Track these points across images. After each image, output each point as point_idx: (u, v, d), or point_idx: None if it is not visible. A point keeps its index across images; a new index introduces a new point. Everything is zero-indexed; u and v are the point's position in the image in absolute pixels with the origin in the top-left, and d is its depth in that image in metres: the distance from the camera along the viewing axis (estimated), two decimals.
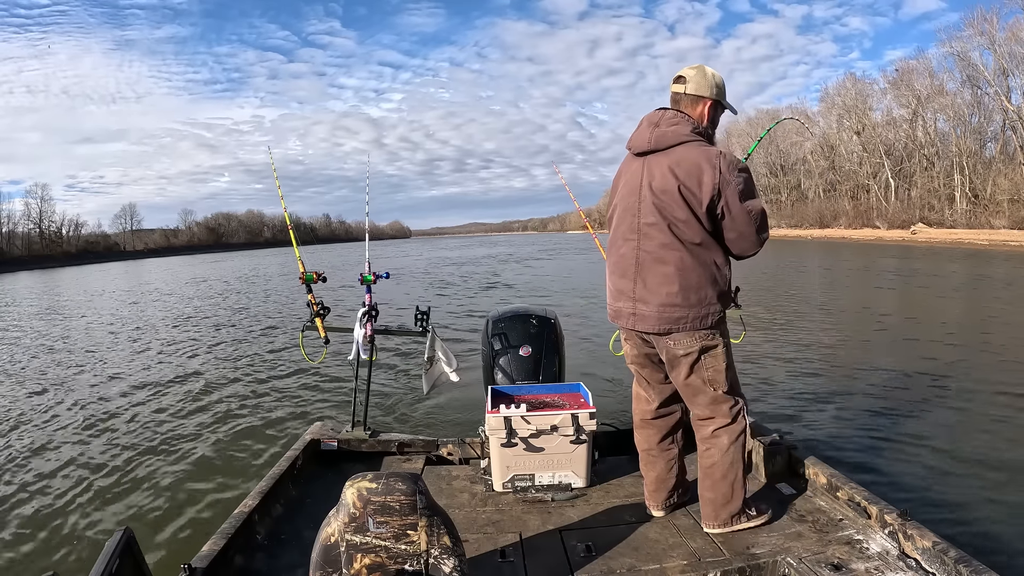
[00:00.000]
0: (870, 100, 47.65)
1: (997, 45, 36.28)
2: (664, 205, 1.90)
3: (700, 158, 1.86)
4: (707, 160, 1.85)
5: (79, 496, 3.61)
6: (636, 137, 2.01)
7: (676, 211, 1.88)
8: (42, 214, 76.11)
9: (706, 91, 1.97)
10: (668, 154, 1.92)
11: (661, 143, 1.93)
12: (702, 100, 1.98)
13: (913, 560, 1.70)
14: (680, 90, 1.98)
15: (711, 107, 1.99)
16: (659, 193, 1.91)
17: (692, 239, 1.89)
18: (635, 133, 2.02)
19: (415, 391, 5.47)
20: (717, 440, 2.00)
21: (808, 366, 5.91)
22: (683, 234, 1.89)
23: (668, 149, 1.92)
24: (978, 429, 3.96)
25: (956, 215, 37.44)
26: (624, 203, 2.03)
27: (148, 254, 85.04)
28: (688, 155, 1.88)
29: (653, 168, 1.94)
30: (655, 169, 1.93)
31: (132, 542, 1.45)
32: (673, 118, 1.95)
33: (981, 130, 39.19)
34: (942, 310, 9.46)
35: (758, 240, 1.94)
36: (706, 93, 1.97)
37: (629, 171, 2.04)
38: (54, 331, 11.71)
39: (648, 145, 1.96)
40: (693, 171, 1.85)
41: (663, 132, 1.94)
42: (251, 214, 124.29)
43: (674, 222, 1.89)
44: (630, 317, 2.01)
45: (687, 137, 1.91)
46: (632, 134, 2.04)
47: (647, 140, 1.96)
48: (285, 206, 3.36)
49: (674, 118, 1.95)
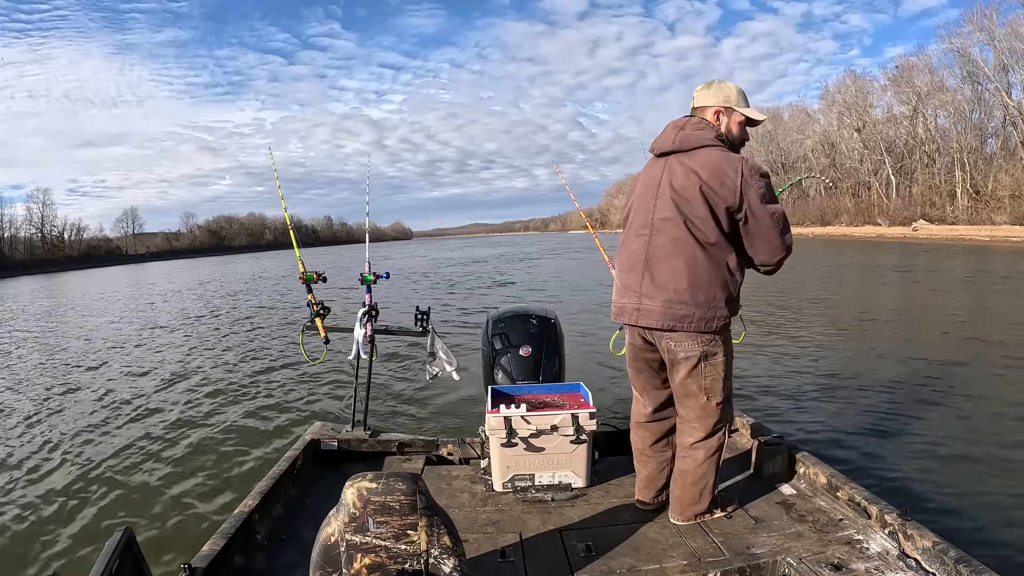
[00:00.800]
0: (870, 97, 47.72)
1: (997, 41, 36.29)
2: (683, 201, 1.91)
3: (723, 161, 1.89)
4: (730, 163, 1.88)
5: (79, 496, 3.62)
6: (660, 139, 2.05)
7: (695, 208, 1.89)
8: (44, 218, 76.54)
9: (734, 103, 2.02)
10: (691, 156, 1.95)
11: (685, 144, 1.97)
12: (731, 112, 2.02)
13: (913, 560, 1.70)
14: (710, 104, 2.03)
15: (736, 119, 2.03)
16: (679, 190, 1.92)
17: (707, 238, 1.90)
18: (659, 136, 2.07)
19: (415, 391, 5.47)
20: (694, 452, 2.04)
21: (808, 365, 5.90)
22: (698, 232, 1.90)
23: (692, 151, 1.95)
24: (979, 429, 3.96)
25: (957, 211, 37.34)
26: (640, 200, 2.05)
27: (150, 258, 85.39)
28: (711, 157, 1.91)
29: (675, 167, 1.96)
30: (677, 168, 1.95)
31: (132, 542, 1.45)
32: (699, 123, 2.00)
33: (982, 126, 39.14)
34: (943, 308, 9.45)
35: (783, 244, 1.93)
36: (733, 105, 2.02)
37: (649, 172, 2.07)
38: (56, 333, 11.73)
39: (672, 146, 1.99)
40: (716, 172, 1.87)
41: (688, 134, 1.97)
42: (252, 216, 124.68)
43: (691, 218, 1.90)
44: (634, 312, 2.01)
45: (711, 142, 1.95)
46: (655, 138, 2.08)
47: (671, 141, 2.00)
48: (285, 207, 3.36)
49: (700, 123, 2.00)
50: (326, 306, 3.03)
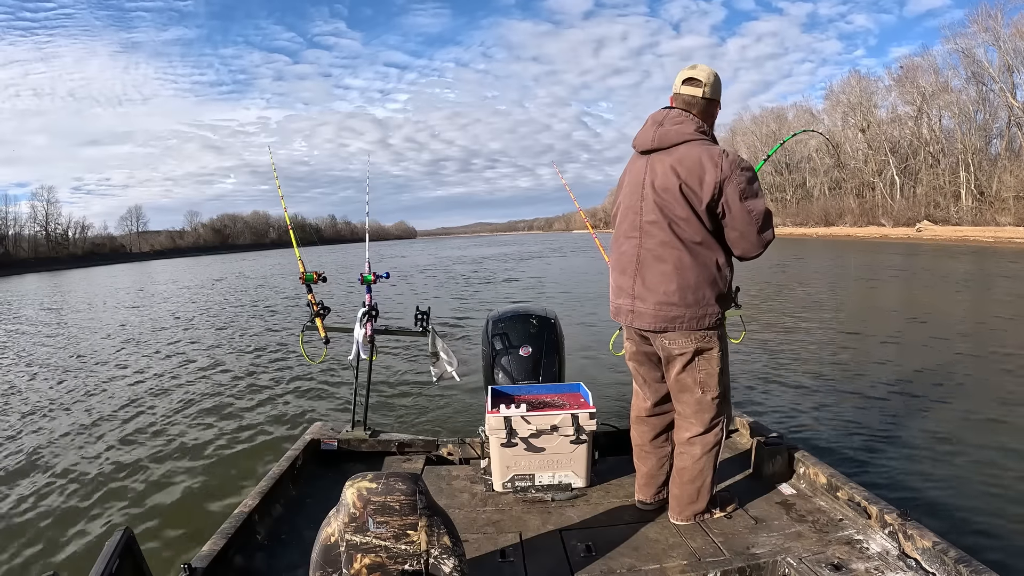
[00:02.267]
0: (875, 97, 47.61)
1: (1002, 42, 36.10)
2: (665, 203, 1.91)
3: (703, 155, 1.88)
4: (709, 158, 1.86)
5: (79, 496, 3.62)
6: (640, 135, 2.03)
7: (677, 209, 1.89)
8: (48, 216, 76.52)
9: (719, 95, 2.02)
10: (671, 152, 1.93)
11: (664, 142, 1.95)
12: (715, 103, 2.01)
13: (913, 560, 1.70)
14: (697, 94, 1.97)
15: (717, 108, 2.04)
16: (661, 191, 1.92)
17: (692, 238, 1.90)
18: (640, 131, 2.04)
19: (415, 391, 5.47)
20: (691, 448, 2.04)
21: (808, 365, 5.89)
22: (683, 233, 1.90)
23: (671, 148, 1.94)
24: (979, 429, 3.95)
25: (962, 212, 37.20)
26: (627, 201, 2.05)
27: (154, 256, 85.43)
28: (690, 153, 1.90)
29: (656, 166, 1.95)
30: (658, 167, 1.94)
31: (132, 542, 1.45)
32: (677, 117, 1.96)
33: (986, 127, 38.90)
34: (945, 308, 9.44)
35: (759, 241, 1.92)
36: (718, 97, 2.02)
37: (633, 169, 2.05)
38: (58, 332, 11.74)
39: (652, 144, 1.98)
40: (695, 169, 1.87)
41: (667, 131, 1.95)
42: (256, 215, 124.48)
43: (674, 220, 1.90)
44: (629, 314, 2.03)
45: (691, 136, 1.93)
46: (637, 132, 2.06)
47: (651, 139, 1.98)
48: (285, 206, 3.37)
49: (678, 117, 1.96)
50: (326, 306, 3.03)
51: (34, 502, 3.57)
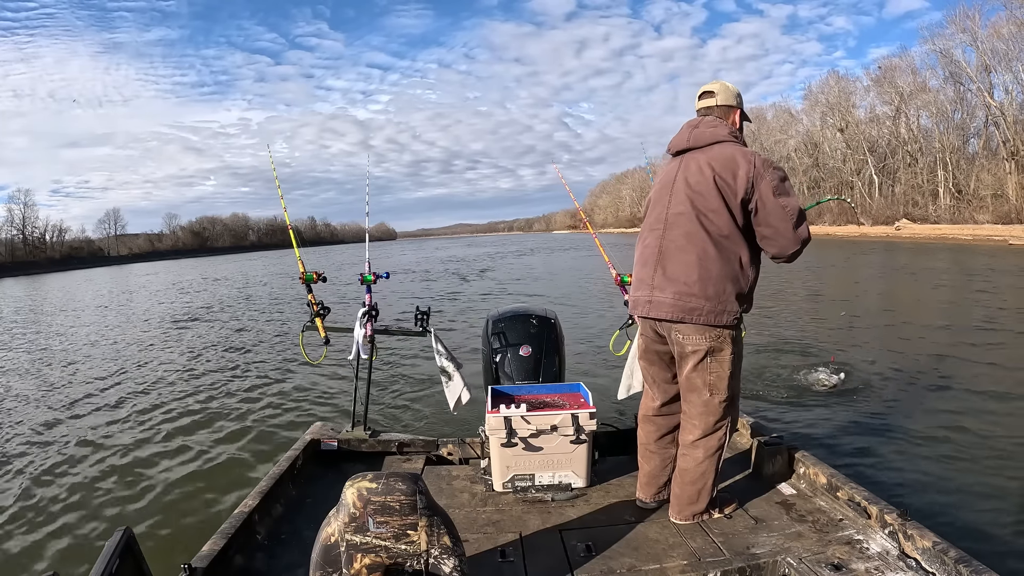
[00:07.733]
0: (853, 98, 47.58)
1: (979, 42, 36.19)
2: (696, 195, 1.96)
3: (736, 153, 1.94)
4: (743, 155, 1.93)
5: (79, 496, 3.62)
6: (676, 139, 2.12)
7: (709, 201, 1.93)
8: (25, 220, 76.30)
9: (733, 101, 2.10)
10: (705, 151, 2.00)
11: (699, 141, 2.03)
12: (732, 109, 2.09)
13: (913, 560, 1.70)
14: (711, 103, 2.09)
15: (739, 116, 2.11)
16: (693, 184, 1.97)
17: (720, 231, 1.93)
18: (675, 136, 2.13)
19: (415, 391, 5.47)
20: (694, 451, 2.05)
21: (807, 365, 5.89)
22: (711, 225, 1.93)
23: (705, 147, 2.01)
24: (978, 429, 3.95)
25: (940, 211, 37.37)
26: (656, 197, 2.11)
27: (132, 259, 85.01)
28: (724, 151, 1.96)
29: (690, 164, 2.02)
30: (691, 164, 2.01)
31: (132, 542, 1.45)
32: (712, 121, 2.06)
33: (964, 126, 39.01)
34: (936, 307, 9.44)
35: (795, 237, 1.93)
36: (733, 103, 2.10)
37: (665, 171, 2.13)
38: (49, 334, 11.73)
39: (686, 143, 2.05)
40: (729, 164, 1.92)
41: (702, 132, 2.04)
42: (236, 217, 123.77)
43: (704, 212, 1.94)
44: (646, 304, 2.05)
45: (725, 137, 2.01)
46: (672, 138, 2.14)
47: (686, 139, 2.06)
48: (285, 205, 3.37)
49: (713, 121, 2.07)
50: (326, 306, 3.03)
51: (34, 502, 3.57)
